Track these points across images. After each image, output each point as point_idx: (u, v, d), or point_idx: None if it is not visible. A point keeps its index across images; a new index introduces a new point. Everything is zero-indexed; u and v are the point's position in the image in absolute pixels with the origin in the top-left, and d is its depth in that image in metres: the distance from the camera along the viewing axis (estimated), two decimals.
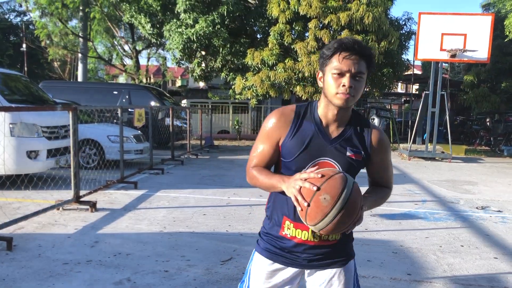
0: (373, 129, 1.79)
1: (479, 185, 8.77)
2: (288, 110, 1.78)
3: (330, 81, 1.66)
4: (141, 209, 5.99)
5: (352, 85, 1.63)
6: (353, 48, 1.63)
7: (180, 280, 3.62)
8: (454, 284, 3.70)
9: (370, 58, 1.68)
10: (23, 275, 3.62)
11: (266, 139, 1.78)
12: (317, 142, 1.72)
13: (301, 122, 1.74)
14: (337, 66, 1.64)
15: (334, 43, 1.66)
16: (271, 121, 1.76)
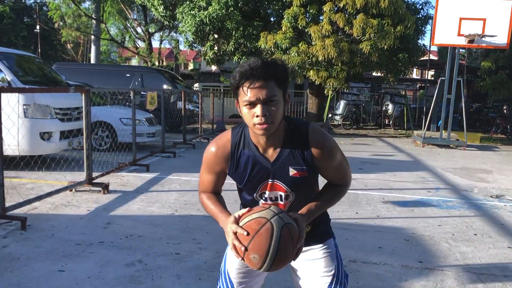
0: (311, 140, 1.69)
1: (494, 174, 8.65)
2: (224, 141, 1.75)
3: (245, 113, 1.60)
4: (153, 192, 6.02)
5: (266, 113, 1.56)
6: (253, 75, 1.53)
7: (191, 263, 3.64)
8: (466, 273, 3.66)
9: (278, 76, 1.58)
10: (36, 254, 3.66)
11: (209, 171, 1.82)
12: (259, 168, 1.73)
13: (240, 153, 1.73)
14: (245, 98, 1.56)
15: (236, 74, 1.57)
16: (210, 155, 1.77)
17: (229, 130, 1.79)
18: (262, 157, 1.71)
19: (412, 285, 3.39)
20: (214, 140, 1.79)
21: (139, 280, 3.27)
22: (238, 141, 1.72)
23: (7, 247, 3.78)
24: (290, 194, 1.77)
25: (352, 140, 14.64)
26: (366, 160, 9.81)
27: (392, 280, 3.48)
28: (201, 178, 1.86)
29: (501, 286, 3.43)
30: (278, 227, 1.55)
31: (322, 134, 1.72)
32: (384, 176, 7.92)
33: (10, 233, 4.11)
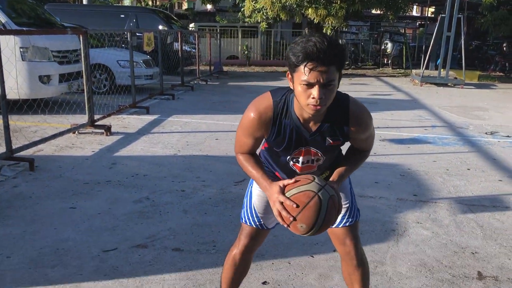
0: (351, 115, 1.74)
1: (490, 111, 8.75)
2: (265, 108, 1.74)
3: (300, 91, 1.59)
4: (155, 133, 6.13)
5: (322, 96, 1.56)
6: (319, 58, 1.51)
7: (196, 199, 3.80)
8: (458, 205, 3.85)
9: (340, 61, 1.58)
10: (47, 193, 3.82)
11: (248, 135, 1.81)
12: (298, 136, 1.77)
13: (280, 122, 1.75)
14: (304, 78, 1.54)
15: (299, 53, 1.53)
16: (251, 121, 1.75)
17: (269, 94, 1.76)
18: (303, 127, 1.75)
19: (406, 216, 3.58)
20: (254, 105, 1.76)
21: (148, 215, 3.44)
22: (280, 109, 1.73)
23: (18, 187, 3.93)
24: (321, 158, 1.87)
25: (350, 80, 14.59)
26: (364, 100, 9.83)
27: (388, 211, 3.66)
28: (239, 140, 1.85)
29: (489, 216, 3.63)
30: (325, 200, 1.65)
31: (362, 110, 1.78)
32: (382, 115, 8.02)
33: (19, 174, 4.25)
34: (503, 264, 2.87)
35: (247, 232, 2.02)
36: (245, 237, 2.02)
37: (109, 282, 2.52)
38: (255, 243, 2.04)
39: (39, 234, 3.07)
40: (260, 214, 2.01)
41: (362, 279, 2.04)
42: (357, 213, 2.02)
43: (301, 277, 2.64)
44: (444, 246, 3.08)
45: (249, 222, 2.02)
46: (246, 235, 2.02)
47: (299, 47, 1.53)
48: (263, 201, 2.01)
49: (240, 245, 2.03)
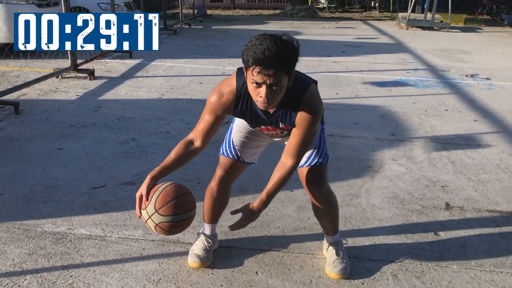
0: (303, 102, 1.83)
1: (472, 54, 8.84)
2: (228, 94, 1.87)
3: (250, 88, 1.72)
4: (138, 78, 6.13)
5: (269, 96, 1.68)
6: (265, 64, 1.61)
7: (181, 140, 3.90)
8: (433, 143, 4.02)
9: (288, 66, 1.67)
10: (34, 135, 3.89)
11: (210, 112, 1.92)
12: (257, 118, 1.93)
13: (242, 105, 1.89)
14: (252, 78, 1.67)
15: (249, 57, 1.64)
16: (214, 102, 1.89)
17: (234, 78, 1.88)
18: (261, 111, 1.89)
19: (383, 154, 3.75)
20: (219, 87, 1.90)
21: (134, 155, 3.56)
22: (241, 94, 1.87)
23: (5, 130, 3.99)
24: (284, 132, 2.03)
25: (336, 23, 14.45)
26: (349, 44, 9.84)
27: (365, 150, 3.83)
28: (200, 119, 1.97)
29: (462, 153, 3.82)
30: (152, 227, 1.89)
31: (315, 101, 1.86)
32: (366, 58, 8.06)
33: (5, 117, 4.29)
34: (469, 196, 3.07)
35: (224, 163, 2.17)
36: (221, 169, 2.17)
37: (99, 215, 2.67)
38: (231, 175, 2.18)
39: (29, 173, 3.17)
40: (237, 147, 2.16)
41: (329, 216, 2.22)
42: (324, 156, 2.11)
43: (281, 209, 2.82)
44: (417, 181, 3.28)
45: (227, 153, 2.17)
46: (223, 166, 2.17)
47: (251, 52, 1.64)
48: (241, 136, 2.16)
49: (216, 177, 2.18)
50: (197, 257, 2.23)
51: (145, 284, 2.10)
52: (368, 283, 2.16)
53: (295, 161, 1.92)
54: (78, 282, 2.09)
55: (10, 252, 2.30)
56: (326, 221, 2.24)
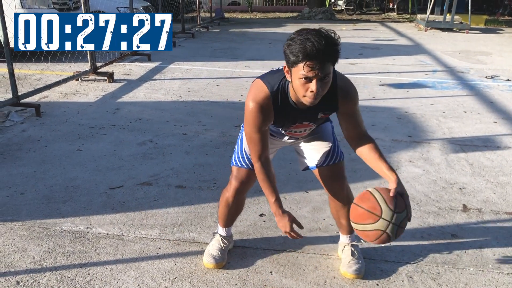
0: (339, 90, 1.85)
1: (492, 56, 8.70)
2: (264, 100, 1.84)
3: (298, 84, 1.70)
4: (156, 80, 6.21)
5: (319, 89, 1.68)
6: (317, 57, 1.61)
7: (198, 142, 3.95)
8: (451, 145, 3.98)
9: (335, 58, 1.67)
10: (55, 136, 3.97)
11: (257, 129, 1.89)
12: (293, 116, 1.93)
13: (280, 107, 1.87)
14: (303, 73, 1.65)
15: (298, 53, 1.62)
16: (255, 114, 1.86)
17: (262, 84, 1.86)
18: (298, 108, 1.89)
19: (399, 156, 3.72)
20: (252, 99, 1.85)
21: (152, 156, 3.60)
22: (277, 97, 1.86)
23: (26, 131, 4.09)
24: (313, 127, 2.05)
25: (354, 25, 14.38)
26: (366, 46, 9.79)
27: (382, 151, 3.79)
28: (251, 139, 1.92)
29: (480, 155, 3.76)
30: (393, 233, 1.77)
31: (348, 84, 1.90)
32: (383, 60, 8.01)
33: (27, 119, 4.39)
34: (487, 198, 3.03)
35: (238, 174, 2.14)
36: (235, 180, 2.14)
37: (117, 215, 2.72)
38: (245, 185, 2.16)
39: (49, 173, 3.24)
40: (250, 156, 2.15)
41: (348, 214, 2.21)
42: (340, 154, 2.15)
43: (296, 210, 2.82)
44: (433, 183, 3.24)
45: (240, 164, 2.14)
46: (237, 178, 2.14)
47: (298, 47, 1.63)
48: None
49: (231, 188, 2.15)
50: (212, 258, 2.25)
51: (161, 282, 2.13)
52: (383, 284, 2.15)
53: (367, 133, 2.00)
54: (95, 279, 2.14)
55: (30, 250, 2.35)
56: (344, 219, 2.23)
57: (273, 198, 1.91)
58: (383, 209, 1.76)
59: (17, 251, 2.34)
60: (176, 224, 2.63)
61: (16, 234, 2.49)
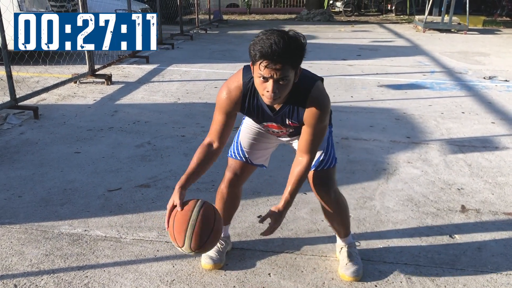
0: (309, 98, 1.84)
1: (491, 56, 8.71)
2: (236, 88, 1.88)
3: (257, 82, 1.73)
4: (155, 82, 6.21)
5: (276, 90, 1.69)
6: (273, 58, 1.62)
7: (196, 143, 3.94)
8: (449, 145, 3.98)
9: (293, 61, 1.67)
10: (53, 139, 3.97)
11: (220, 112, 1.92)
12: (264, 114, 1.94)
13: (249, 100, 1.90)
14: (260, 73, 1.67)
15: (256, 51, 1.64)
16: (222, 99, 1.90)
17: (240, 73, 1.89)
18: (267, 107, 1.90)
19: (398, 157, 3.72)
20: (226, 84, 1.91)
21: (150, 158, 3.60)
22: (248, 90, 1.88)
23: (24, 134, 4.08)
24: (288, 130, 2.04)
25: (352, 27, 14.40)
26: (364, 47, 9.80)
27: (380, 152, 3.80)
28: (213, 120, 1.97)
29: (478, 155, 3.76)
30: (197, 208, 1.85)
31: (322, 97, 1.87)
32: (381, 61, 8.02)
33: (25, 122, 4.39)
34: (486, 199, 3.03)
35: (233, 166, 2.17)
36: (230, 171, 2.17)
37: (115, 217, 2.71)
38: (240, 177, 2.18)
39: (47, 176, 3.24)
40: (245, 149, 2.17)
41: (339, 219, 2.21)
42: (332, 160, 2.11)
43: (294, 211, 2.82)
44: (432, 183, 3.24)
45: (235, 155, 2.18)
46: (231, 169, 2.17)
47: (258, 46, 1.64)
48: (249, 137, 2.17)
49: (225, 179, 2.18)
50: (210, 259, 2.25)
51: (159, 285, 2.13)
52: (381, 286, 2.15)
53: (310, 157, 1.93)
54: (93, 282, 2.13)
55: (28, 252, 2.35)
56: (336, 223, 2.24)
57: (184, 175, 1.94)
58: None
59: (15, 254, 2.33)
60: None
61: (14, 237, 2.48)
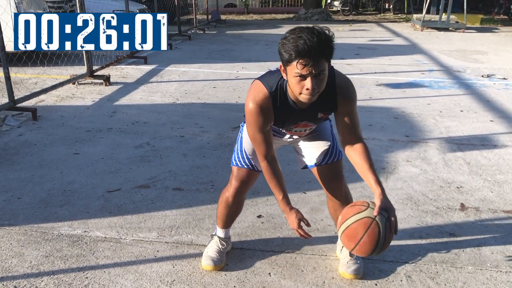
0: (338, 88, 1.85)
1: (489, 54, 8.72)
2: (264, 100, 1.84)
3: (294, 82, 1.71)
4: (153, 83, 6.20)
5: (315, 86, 1.68)
6: (310, 55, 1.61)
7: (195, 144, 3.94)
8: (448, 144, 3.98)
9: (328, 54, 1.67)
10: (51, 140, 3.96)
11: (259, 129, 1.90)
12: (294, 115, 1.93)
13: (279, 107, 1.87)
14: (297, 72, 1.66)
15: (291, 51, 1.63)
16: (255, 114, 1.86)
17: (261, 84, 1.86)
18: (298, 108, 1.89)
19: (397, 155, 3.72)
20: (252, 99, 1.85)
21: (149, 159, 3.60)
22: (276, 97, 1.86)
23: (23, 135, 4.07)
24: (313, 126, 2.05)
25: (350, 26, 14.41)
26: (363, 46, 9.81)
27: (379, 151, 3.81)
28: (254, 139, 1.93)
29: (477, 154, 3.77)
30: (382, 224, 1.76)
31: (347, 83, 1.89)
32: (380, 60, 8.02)
33: (23, 123, 4.38)
34: (485, 197, 3.03)
35: (238, 174, 2.15)
36: (235, 180, 2.14)
37: (114, 218, 2.71)
38: (246, 185, 2.16)
39: (46, 177, 3.23)
40: (250, 156, 2.15)
41: None
42: (339, 153, 2.14)
43: None
44: (431, 182, 3.24)
45: (241, 164, 2.15)
46: (237, 178, 2.14)
47: (291, 45, 1.63)
48: None
49: (231, 188, 2.15)
50: (211, 260, 2.25)
51: (159, 285, 2.13)
52: (381, 284, 2.15)
53: (362, 140, 1.94)
54: (93, 283, 2.13)
55: (28, 254, 2.35)
56: None
57: (281, 196, 1.93)
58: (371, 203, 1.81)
59: (15, 256, 2.33)
60: (174, 227, 2.62)
61: (13, 239, 2.48)
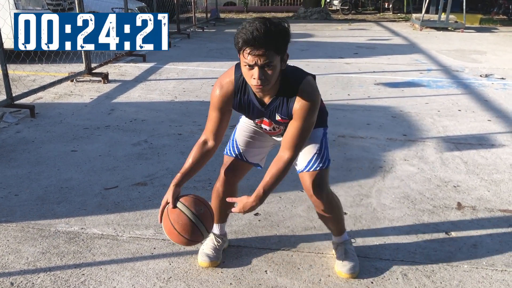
0: (299, 92, 1.84)
1: (487, 54, 8.73)
2: (228, 84, 1.90)
3: (244, 71, 1.74)
4: (152, 81, 6.20)
5: (262, 77, 1.70)
6: (254, 44, 1.63)
7: (193, 141, 3.92)
8: (445, 143, 3.99)
9: (277, 46, 1.68)
10: (49, 138, 3.96)
11: (214, 109, 1.96)
12: (256, 110, 1.95)
13: (241, 96, 1.91)
14: (245, 61, 1.69)
15: (239, 39, 1.66)
16: (215, 95, 1.93)
17: (233, 69, 1.91)
18: (258, 102, 1.91)
19: (394, 154, 3.73)
20: (219, 80, 1.93)
21: (147, 157, 3.60)
22: (240, 85, 1.90)
23: (21, 132, 4.07)
24: (281, 127, 2.05)
25: (350, 25, 14.41)
26: (362, 45, 9.81)
27: (377, 150, 3.81)
28: (208, 118, 2.01)
29: (475, 153, 3.78)
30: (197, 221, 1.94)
31: (312, 90, 1.86)
32: (378, 59, 8.02)
33: (21, 120, 4.38)
34: (482, 196, 3.04)
35: (228, 163, 2.18)
36: (225, 169, 2.17)
37: (111, 215, 2.71)
38: (235, 174, 2.17)
39: (44, 174, 3.23)
40: (241, 146, 2.18)
41: (333, 219, 2.19)
42: (325, 161, 2.08)
43: (291, 209, 2.82)
44: (428, 181, 3.25)
45: (230, 153, 2.19)
46: (226, 166, 2.17)
47: (241, 34, 1.67)
48: (245, 136, 2.18)
49: (220, 177, 2.18)
50: (206, 256, 2.25)
51: (156, 282, 2.13)
52: (377, 282, 2.16)
53: (292, 154, 1.91)
54: (90, 280, 2.13)
55: (25, 251, 2.35)
56: (331, 223, 2.24)
57: (179, 173, 2.00)
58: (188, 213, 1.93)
59: (11, 252, 2.33)
60: None
61: (10, 235, 2.48)
